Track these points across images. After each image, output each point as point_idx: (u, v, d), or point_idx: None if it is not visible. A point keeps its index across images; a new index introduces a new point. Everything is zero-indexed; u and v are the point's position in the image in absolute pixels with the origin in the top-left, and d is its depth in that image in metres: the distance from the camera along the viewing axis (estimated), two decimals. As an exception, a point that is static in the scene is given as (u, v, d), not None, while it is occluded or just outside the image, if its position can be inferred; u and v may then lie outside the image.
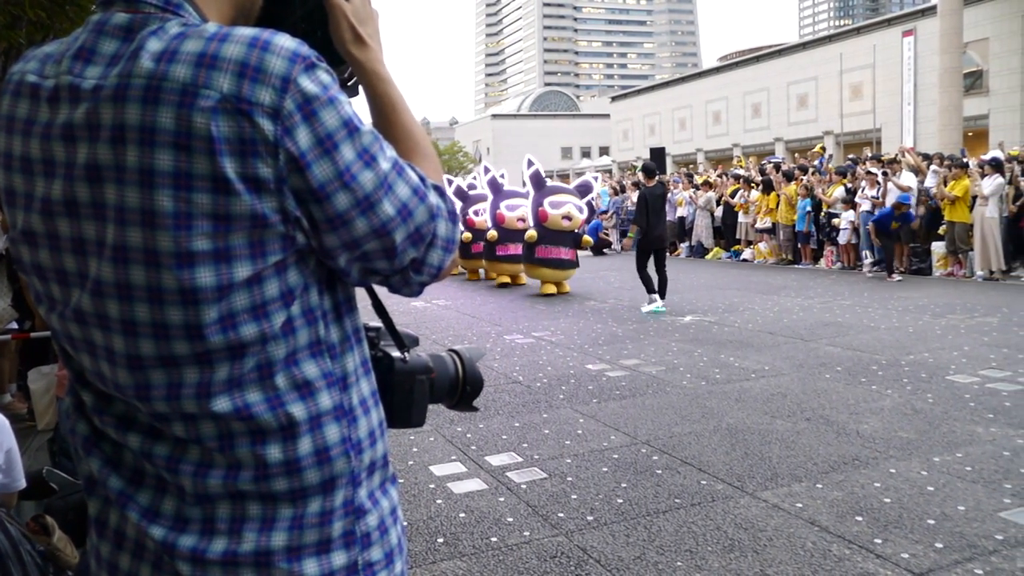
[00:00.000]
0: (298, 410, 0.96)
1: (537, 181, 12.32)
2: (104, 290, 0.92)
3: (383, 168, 0.95)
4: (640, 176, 11.18)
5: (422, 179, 1.00)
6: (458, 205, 14.36)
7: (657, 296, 9.90)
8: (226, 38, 0.90)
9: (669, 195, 15.73)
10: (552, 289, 12.10)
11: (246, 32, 0.91)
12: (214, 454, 0.95)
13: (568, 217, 11.86)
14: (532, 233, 11.92)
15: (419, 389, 1.20)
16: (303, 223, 0.93)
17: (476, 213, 14.32)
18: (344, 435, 0.99)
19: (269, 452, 0.95)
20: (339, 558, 0.99)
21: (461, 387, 1.29)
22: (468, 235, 14.14)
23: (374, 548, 1.02)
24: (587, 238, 13.35)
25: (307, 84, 0.90)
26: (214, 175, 0.87)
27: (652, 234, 9.98)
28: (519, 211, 12.91)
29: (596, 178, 13.59)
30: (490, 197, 13.44)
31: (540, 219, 11.97)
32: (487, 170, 13.65)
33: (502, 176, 13.95)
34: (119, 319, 0.92)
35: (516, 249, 12.97)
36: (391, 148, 0.99)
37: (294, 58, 0.90)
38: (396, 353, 1.19)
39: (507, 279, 13.58)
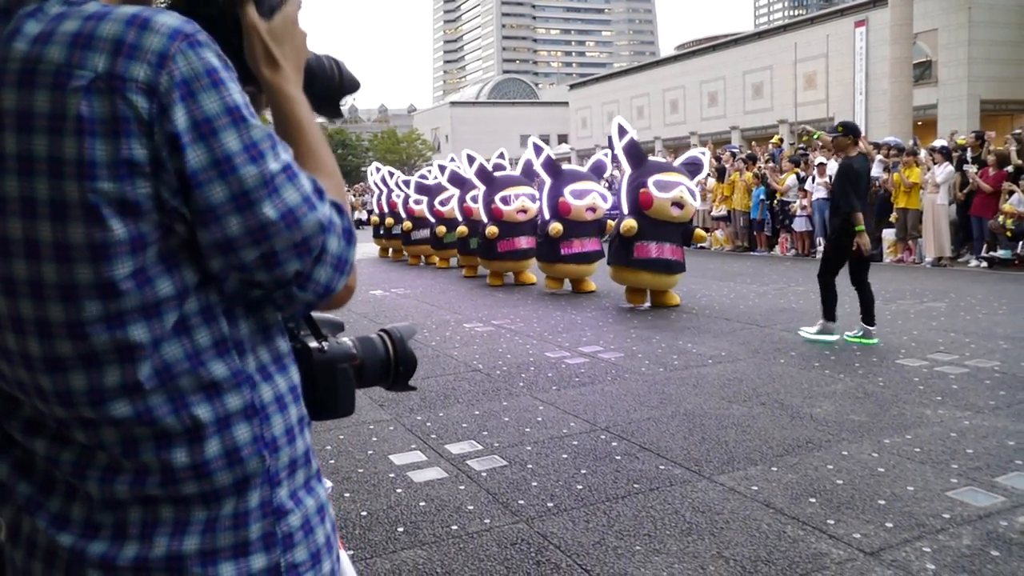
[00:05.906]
0: (204, 412, 0.92)
1: (634, 154, 9.28)
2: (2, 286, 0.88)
3: (271, 167, 0.88)
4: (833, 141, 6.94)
5: (317, 189, 0.93)
6: (481, 191, 11.68)
7: (833, 324, 6.91)
8: (104, 17, 0.85)
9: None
10: (640, 301, 9.18)
11: (127, 10, 0.86)
12: (120, 460, 0.91)
13: (680, 204, 8.82)
14: (631, 223, 8.78)
15: (342, 378, 1.14)
16: (183, 213, 0.87)
17: (504, 201, 11.18)
18: (256, 434, 0.95)
19: (175, 456, 0.91)
20: (259, 561, 0.95)
21: (394, 368, 1.23)
22: (494, 230, 11.17)
23: (298, 549, 0.99)
24: (700, 231, 10.25)
25: (187, 61, 0.85)
26: (80, 159, 0.82)
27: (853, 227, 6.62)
28: (590, 198, 10.10)
29: (704, 153, 10.10)
30: (547, 182, 10.44)
31: (642, 205, 8.84)
32: (502, 155, 10.97)
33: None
34: (8, 316, 0.88)
35: (583, 246, 10.23)
36: (288, 151, 0.93)
37: (174, 35, 0.85)
38: (314, 343, 1.13)
39: (557, 285, 10.67)
